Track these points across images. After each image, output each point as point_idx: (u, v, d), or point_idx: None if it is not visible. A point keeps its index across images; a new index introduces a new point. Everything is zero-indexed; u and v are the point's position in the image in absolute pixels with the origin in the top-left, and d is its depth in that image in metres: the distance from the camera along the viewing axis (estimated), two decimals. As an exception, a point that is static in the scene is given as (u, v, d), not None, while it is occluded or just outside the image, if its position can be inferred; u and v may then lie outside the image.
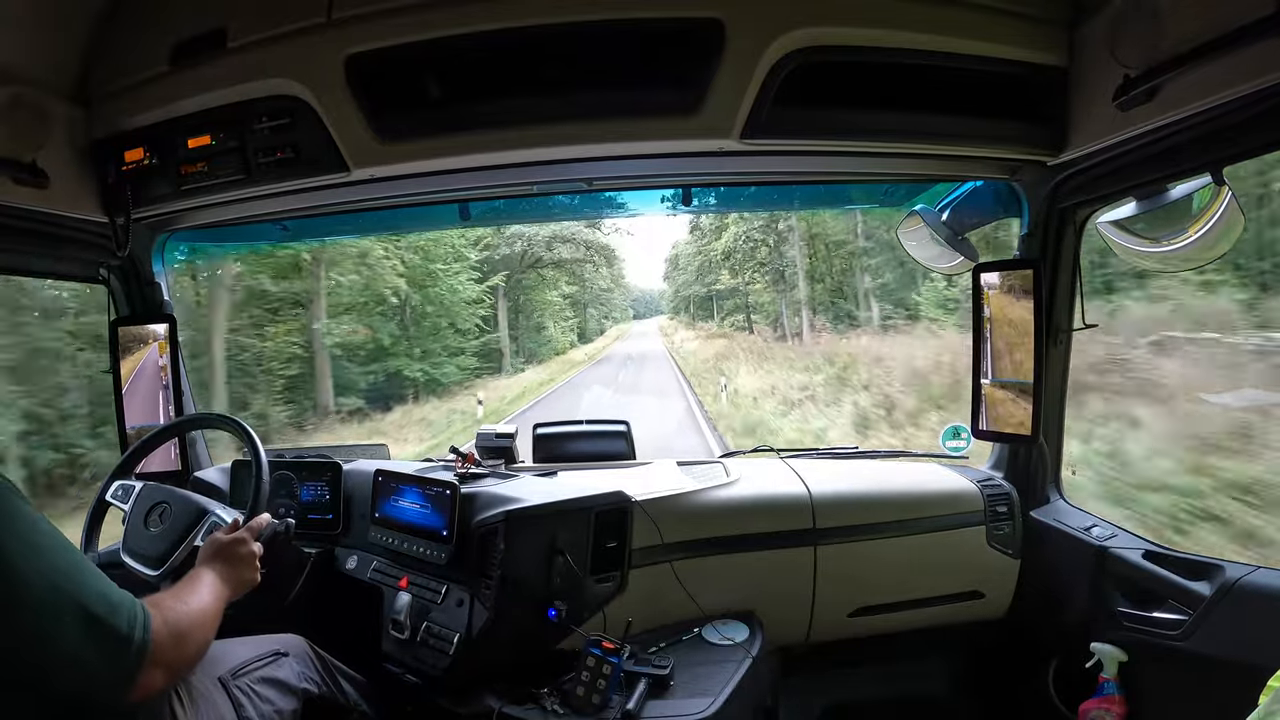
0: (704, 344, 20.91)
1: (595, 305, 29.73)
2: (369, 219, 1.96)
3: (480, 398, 12.71)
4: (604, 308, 31.21)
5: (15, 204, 1.38)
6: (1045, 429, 1.65)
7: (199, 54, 1.39)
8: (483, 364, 15.78)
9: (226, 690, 1.14)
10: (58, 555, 0.82)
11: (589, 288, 25.13)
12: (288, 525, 1.48)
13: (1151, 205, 1.36)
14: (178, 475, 1.83)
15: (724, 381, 13.18)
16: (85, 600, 0.81)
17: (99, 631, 0.80)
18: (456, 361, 14.32)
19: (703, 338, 22.78)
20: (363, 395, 11.48)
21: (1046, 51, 1.34)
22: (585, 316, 28.21)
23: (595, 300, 29.09)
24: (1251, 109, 1.05)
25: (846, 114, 1.35)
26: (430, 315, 13.78)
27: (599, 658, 1.30)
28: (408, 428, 11.12)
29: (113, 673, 0.82)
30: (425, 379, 13.17)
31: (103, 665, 0.81)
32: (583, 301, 26.77)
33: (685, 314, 29.06)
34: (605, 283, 26.97)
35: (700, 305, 26.32)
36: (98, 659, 0.80)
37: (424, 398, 12.86)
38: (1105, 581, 1.52)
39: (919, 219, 1.83)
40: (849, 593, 1.72)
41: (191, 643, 0.93)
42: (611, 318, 33.61)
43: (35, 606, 0.77)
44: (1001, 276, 1.67)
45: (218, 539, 1.16)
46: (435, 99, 1.34)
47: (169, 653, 0.86)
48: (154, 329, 1.85)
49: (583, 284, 23.94)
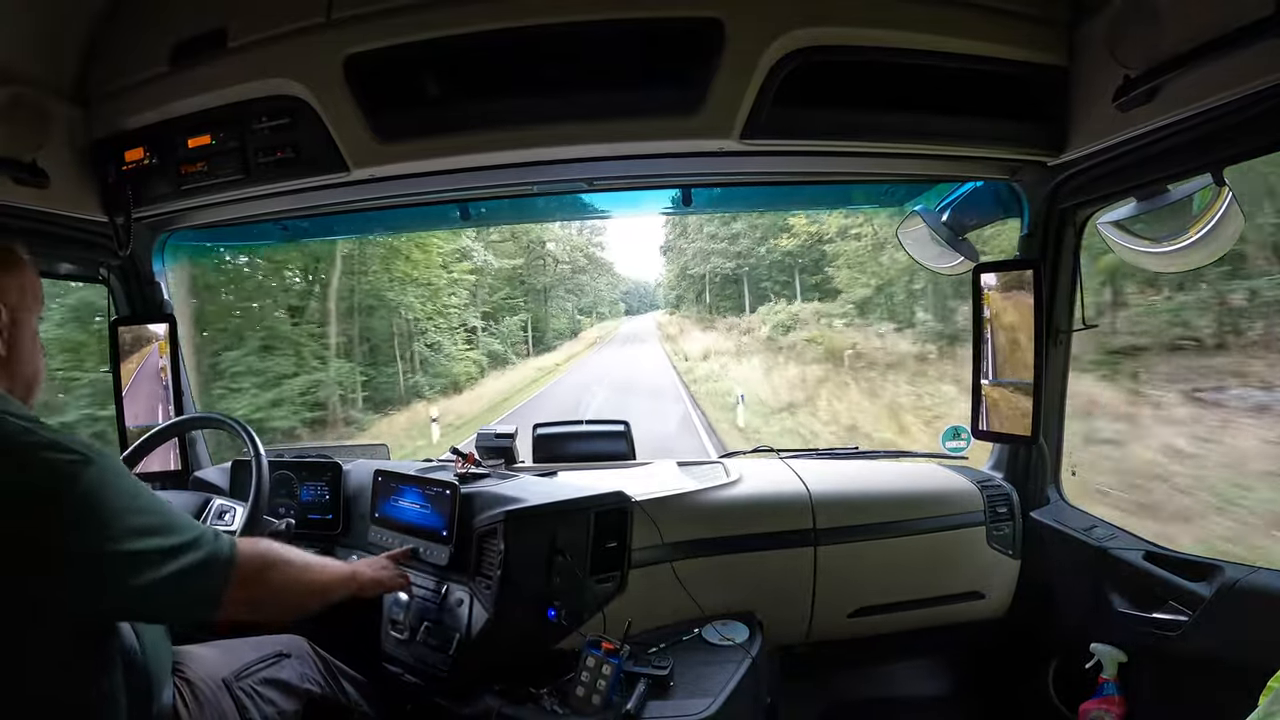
0: (751, 362, 12.46)
1: (565, 295, 21.44)
2: (369, 219, 1.96)
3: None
4: (577, 297, 23.06)
5: (15, 204, 1.38)
6: (1045, 429, 1.65)
7: (199, 54, 1.39)
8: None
9: (230, 692, 1.14)
10: (156, 511, 0.88)
11: (549, 268, 17.93)
12: (288, 525, 1.49)
13: (1152, 205, 1.36)
14: (178, 475, 1.84)
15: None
16: (179, 551, 0.87)
17: (192, 545, 0.88)
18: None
19: (731, 341, 14.44)
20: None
21: (1046, 51, 1.33)
22: (545, 312, 20.03)
23: (566, 288, 20.98)
24: (1251, 109, 1.05)
25: (846, 114, 1.35)
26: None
27: (599, 658, 1.30)
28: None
29: (203, 583, 0.89)
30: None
31: (195, 576, 0.87)
32: (541, 288, 19.09)
33: (694, 306, 21.87)
34: (574, 259, 19.00)
35: (722, 289, 18.51)
36: (190, 571, 0.87)
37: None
38: (1105, 582, 1.52)
39: (919, 219, 1.83)
40: (849, 593, 1.72)
41: (278, 576, 1.00)
42: (596, 313, 25.80)
43: (142, 570, 0.83)
44: (1002, 277, 1.67)
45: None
46: (435, 99, 1.34)
47: (252, 575, 0.94)
48: (154, 329, 1.85)
49: (538, 263, 16.39)
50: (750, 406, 9.65)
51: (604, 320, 26.89)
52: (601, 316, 26.73)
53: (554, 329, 21.71)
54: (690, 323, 21.43)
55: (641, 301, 35.14)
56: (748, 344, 15.09)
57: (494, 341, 15.04)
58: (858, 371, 9.20)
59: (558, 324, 22.33)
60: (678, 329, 21.72)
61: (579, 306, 24.79)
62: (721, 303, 18.35)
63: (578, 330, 23.79)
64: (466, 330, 13.84)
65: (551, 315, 21.47)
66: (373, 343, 11.51)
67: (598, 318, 26.23)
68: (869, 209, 2.87)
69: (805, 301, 13.63)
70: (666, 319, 25.59)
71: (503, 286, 16.47)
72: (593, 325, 25.48)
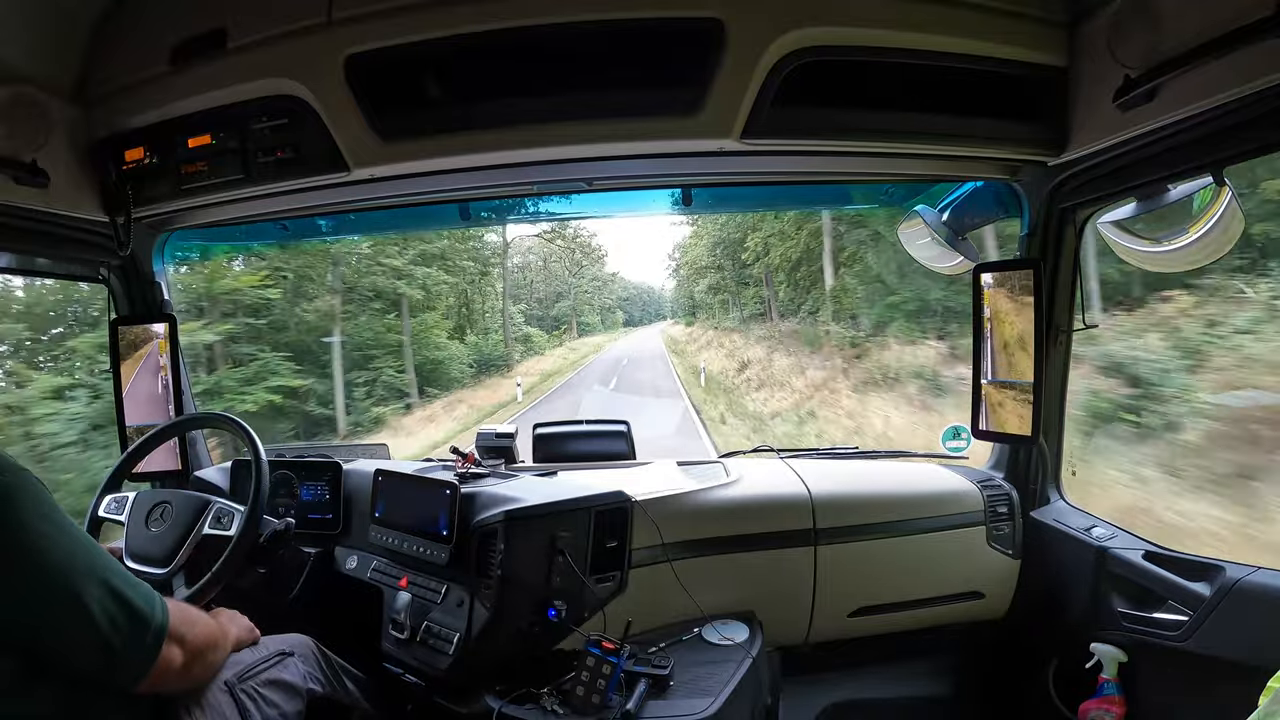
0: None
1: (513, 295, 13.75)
2: (369, 219, 1.96)
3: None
4: (529, 305, 15.51)
5: (15, 204, 1.38)
6: (1045, 429, 1.65)
7: (199, 54, 1.39)
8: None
9: (232, 695, 1.13)
10: (79, 536, 0.85)
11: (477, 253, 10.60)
12: (288, 525, 1.49)
13: (1152, 205, 1.36)
14: (178, 475, 1.84)
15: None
16: (108, 575, 0.84)
17: (120, 602, 0.83)
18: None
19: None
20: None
21: (1047, 51, 1.33)
22: (469, 313, 14.04)
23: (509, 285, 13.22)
24: (1251, 109, 1.05)
25: (847, 114, 1.35)
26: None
27: (599, 658, 1.30)
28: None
29: (133, 645, 0.84)
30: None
31: (124, 637, 0.83)
32: (461, 285, 13.07)
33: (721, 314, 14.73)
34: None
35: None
36: (119, 630, 0.82)
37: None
38: (1105, 582, 1.52)
39: (919, 219, 1.83)
40: (849, 593, 1.72)
41: (204, 631, 0.96)
42: (579, 325, 17.21)
43: (61, 578, 0.80)
44: (1002, 276, 1.67)
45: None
46: (435, 99, 1.34)
47: (186, 633, 0.90)
48: (154, 329, 1.85)
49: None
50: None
51: (590, 333, 18.18)
52: (586, 329, 18.16)
53: (490, 352, 14.52)
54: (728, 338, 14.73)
55: (645, 311, 27.84)
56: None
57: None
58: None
59: (497, 339, 14.87)
60: (713, 346, 14.28)
61: (547, 312, 17.16)
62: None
63: (534, 347, 16.10)
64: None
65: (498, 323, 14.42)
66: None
67: (580, 331, 17.73)
68: (869, 209, 2.88)
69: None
70: (685, 334, 17.95)
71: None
72: (558, 345, 16.90)
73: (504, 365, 16.43)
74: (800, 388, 11.20)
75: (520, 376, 15.52)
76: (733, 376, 13.99)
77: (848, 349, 10.96)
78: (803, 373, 11.72)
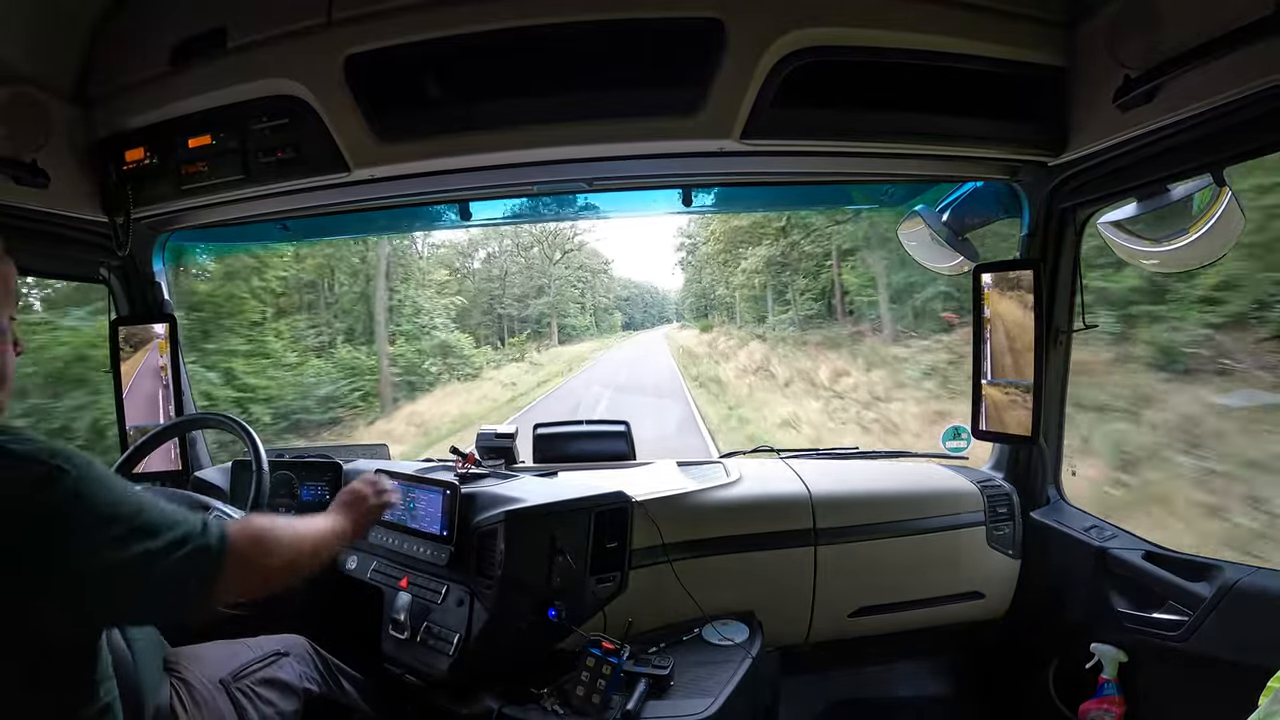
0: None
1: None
2: (369, 219, 1.96)
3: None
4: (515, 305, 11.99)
5: (15, 204, 1.38)
6: (1045, 430, 1.65)
7: (199, 54, 1.39)
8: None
9: (228, 692, 1.14)
10: (127, 499, 0.82)
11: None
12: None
13: (1152, 206, 1.37)
14: (178, 475, 1.84)
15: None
16: (162, 512, 0.83)
17: (179, 543, 0.82)
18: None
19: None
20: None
21: (1046, 51, 1.34)
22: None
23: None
24: (1251, 109, 1.05)
25: (846, 114, 1.35)
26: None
27: (599, 658, 1.30)
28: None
29: (191, 581, 0.84)
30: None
31: (181, 578, 0.82)
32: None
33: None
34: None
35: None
36: (175, 573, 0.82)
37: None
38: (1105, 582, 1.52)
39: (919, 219, 1.83)
40: (849, 593, 1.72)
41: (272, 546, 0.94)
42: (562, 326, 13.79)
43: (127, 524, 0.79)
44: (1002, 277, 1.67)
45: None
46: (435, 99, 1.34)
47: (240, 562, 0.88)
48: (154, 329, 1.85)
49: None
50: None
51: (575, 339, 14.53)
52: (571, 333, 14.44)
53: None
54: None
55: (647, 313, 25.48)
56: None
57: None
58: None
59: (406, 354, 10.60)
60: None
61: (522, 312, 13.16)
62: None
63: (453, 367, 11.81)
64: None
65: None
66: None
67: (563, 336, 13.90)
68: (869, 209, 2.87)
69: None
70: (705, 342, 13.83)
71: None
72: (515, 360, 12.76)
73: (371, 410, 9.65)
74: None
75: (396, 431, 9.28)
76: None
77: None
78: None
